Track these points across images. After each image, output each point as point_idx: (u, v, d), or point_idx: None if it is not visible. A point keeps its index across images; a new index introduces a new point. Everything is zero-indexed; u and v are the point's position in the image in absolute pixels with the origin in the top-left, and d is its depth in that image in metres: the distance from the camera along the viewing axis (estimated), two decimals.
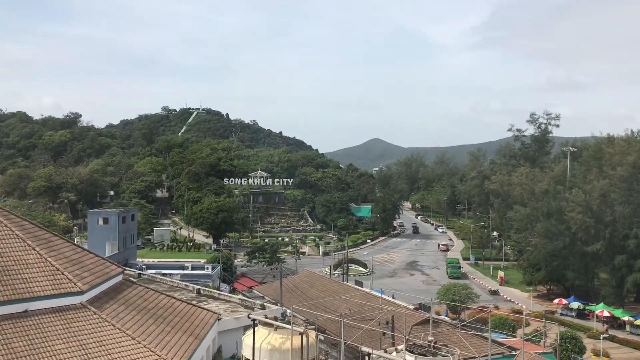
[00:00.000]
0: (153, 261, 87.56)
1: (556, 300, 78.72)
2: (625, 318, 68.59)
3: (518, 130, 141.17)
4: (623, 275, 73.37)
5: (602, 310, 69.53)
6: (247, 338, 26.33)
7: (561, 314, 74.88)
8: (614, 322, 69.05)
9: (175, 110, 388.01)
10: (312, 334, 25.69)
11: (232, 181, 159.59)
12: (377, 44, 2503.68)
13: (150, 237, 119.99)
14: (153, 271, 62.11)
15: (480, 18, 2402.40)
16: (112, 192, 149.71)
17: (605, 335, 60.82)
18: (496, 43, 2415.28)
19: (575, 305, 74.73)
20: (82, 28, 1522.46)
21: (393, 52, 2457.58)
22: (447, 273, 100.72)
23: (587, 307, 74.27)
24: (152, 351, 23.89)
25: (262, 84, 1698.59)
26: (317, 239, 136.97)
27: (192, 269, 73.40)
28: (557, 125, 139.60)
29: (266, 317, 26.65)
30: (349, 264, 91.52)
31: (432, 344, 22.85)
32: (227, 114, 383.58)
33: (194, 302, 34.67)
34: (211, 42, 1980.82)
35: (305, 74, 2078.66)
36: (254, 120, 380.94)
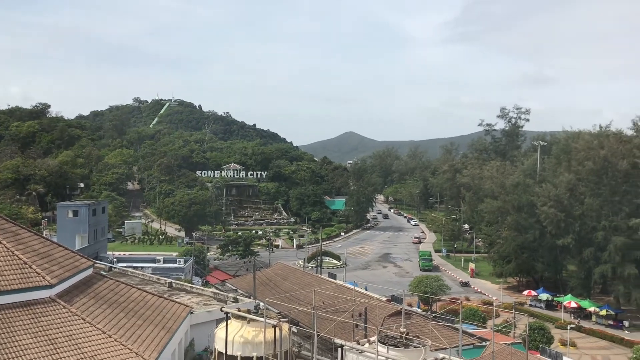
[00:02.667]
0: (124, 254, 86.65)
1: (525, 292, 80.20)
2: (592, 309, 70.22)
3: (488, 124, 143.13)
4: (590, 267, 75.00)
5: (569, 301, 71.06)
6: (219, 331, 26.20)
7: (530, 305, 76.27)
8: (580, 313, 70.63)
9: (146, 102, 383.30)
10: (286, 327, 25.68)
11: (204, 174, 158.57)
12: (351, 36, 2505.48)
13: (121, 230, 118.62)
14: (124, 264, 61.37)
15: (453, 13, 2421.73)
16: (82, 185, 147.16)
17: (572, 325, 62.19)
18: (469, 38, 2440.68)
19: (544, 296, 76.16)
20: (51, 16, 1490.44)
21: (367, 45, 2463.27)
22: (419, 266, 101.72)
23: (555, 299, 75.79)
24: (123, 345, 23.61)
25: (236, 76, 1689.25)
26: (291, 232, 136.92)
27: (164, 262, 72.90)
28: (527, 120, 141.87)
29: (239, 310, 26.53)
30: (323, 257, 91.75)
31: (404, 335, 23.01)
32: (199, 106, 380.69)
33: (165, 296, 34.36)
34: (184, 32, 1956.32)
35: (280, 66, 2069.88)
36: (228, 112, 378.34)
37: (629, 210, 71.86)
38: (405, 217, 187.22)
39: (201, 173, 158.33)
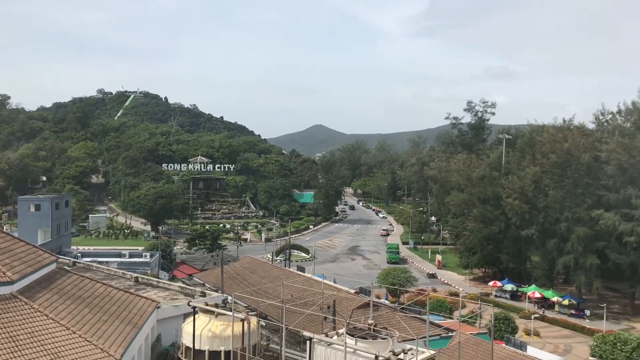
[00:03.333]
0: (89, 249, 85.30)
1: (491, 283, 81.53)
2: (555, 299, 71.80)
3: (455, 118, 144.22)
4: (554, 257, 76.58)
5: (533, 291, 72.55)
6: (187, 326, 25.94)
7: (496, 296, 77.61)
8: (544, 303, 72.15)
9: (111, 93, 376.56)
10: (254, 320, 25.56)
11: (171, 167, 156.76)
12: (320, 29, 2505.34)
13: (85, 224, 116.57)
14: (89, 259, 60.33)
15: (419, 7, 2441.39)
16: (44, 178, 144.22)
17: (536, 315, 63.51)
18: (435, 32, 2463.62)
19: (509, 287, 77.55)
20: (10, 3, 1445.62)
21: (336, 38, 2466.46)
22: (387, 258, 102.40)
23: (519, 289, 77.26)
24: (88, 341, 23.13)
25: (203, 67, 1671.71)
26: (260, 226, 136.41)
27: (130, 256, 72.09)
28: (493, 113, 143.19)
29: (207, 305, 26.29)
30: (291, 250, 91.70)
31: (372, 327, 23.12)
32: (165, 98, 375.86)
33: (131, 291, 33.82)
34: (149, 23, 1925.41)
35: (248, 58, 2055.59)
36: (194, 105, 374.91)
37: (591, 202, 73.55)
38: (374, 209, 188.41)
39: (167, 166, 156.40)
